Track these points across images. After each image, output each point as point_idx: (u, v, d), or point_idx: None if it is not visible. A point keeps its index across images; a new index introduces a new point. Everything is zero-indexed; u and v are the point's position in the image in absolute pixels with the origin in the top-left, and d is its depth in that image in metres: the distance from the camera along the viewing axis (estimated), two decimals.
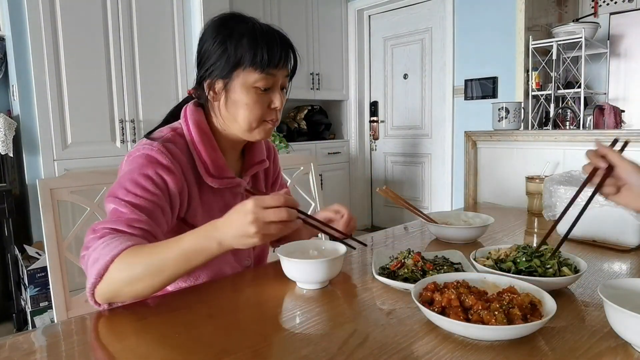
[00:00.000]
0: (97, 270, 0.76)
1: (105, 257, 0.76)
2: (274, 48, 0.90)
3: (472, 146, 2.04)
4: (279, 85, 0.95)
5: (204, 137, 0.96)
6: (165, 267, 0.76)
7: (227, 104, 0.94)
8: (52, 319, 2.35)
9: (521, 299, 0.70)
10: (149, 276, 0.76)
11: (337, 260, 0.89)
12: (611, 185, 0.77)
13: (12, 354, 0.66)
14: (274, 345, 0.67)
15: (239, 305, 0.83)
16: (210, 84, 0.94)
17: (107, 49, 2.72)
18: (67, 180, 1.19)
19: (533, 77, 3.33)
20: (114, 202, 0.84)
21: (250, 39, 0.89)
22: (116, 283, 0.76)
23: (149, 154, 0.89)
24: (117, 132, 2.78)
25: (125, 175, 0.87)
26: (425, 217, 1.30)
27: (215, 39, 0.92)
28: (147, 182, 0.86)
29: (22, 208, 2.64)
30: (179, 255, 0.76)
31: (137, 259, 0.75)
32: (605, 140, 1.63)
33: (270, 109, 0.95)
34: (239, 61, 0.90)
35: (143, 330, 0.74)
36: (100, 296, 0.78)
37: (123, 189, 0.85)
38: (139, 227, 0.82)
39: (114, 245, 0.77)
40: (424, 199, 4.26)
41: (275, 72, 0.92)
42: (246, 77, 0.91)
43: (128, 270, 0.75)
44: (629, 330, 0.63)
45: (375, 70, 4.57)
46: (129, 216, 0.82)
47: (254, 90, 0.92)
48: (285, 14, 3.91)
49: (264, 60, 0.89)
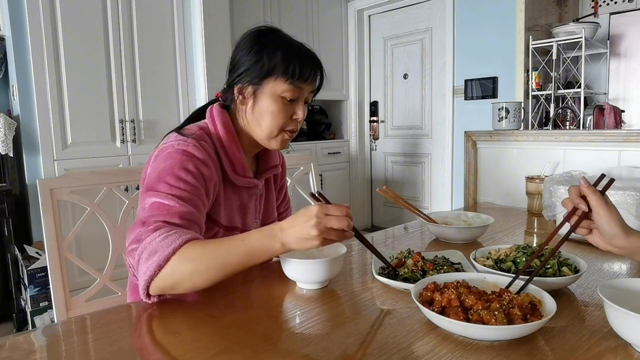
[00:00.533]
0: (156, 262, 0.77)
1: (165, 250, 0.77)
2: (305, 63, 0.97)
3: (472, 146, 2.04)
4: (303, 99, 1.01)
5: (231, 137, 1.00)
6: (229, 263, 0.78)
7: (254, 109, 0.99)
8: (52, 319, 2.35)
9: (521, 299, 0.70)
10: (212, 270, 0.78)
11: (337, 260, 0.89)
12: (585, 227, 0.81)
13: (12, 354, 0.66)
14: (274, 345, 0.67)
15: (239, 305, 0.83)
16: (240, 88, 0.99)
17: (107, 49, 2.72)
18: (67, 180, 1.19)
19: (533, 77, 3.33)
20: (155, 195, 0.85)
21: (285, 52, 0.96)
22: (177, 275, 0.77)
23: (187, 150, 0.91)
24: (117, 132, 2.78)
25: (165, 170, 0.88)
26: (425, 217, 1.30)
27: (251, 48, 0.97)
28: (189, 176, 0.88)
29: (22, 208, 2.64)
30: (244, 252, 0.79)
31: (202, 253, 0.78)
32: (606, 139, 1.64)
33: (292, 120, 1.00)
34: (272, 70, 0.95)
35: (143, 330, 0.74)
36: (156, 288, 0.79)
37: (164, 184, 0.86)
38: (190, 220, 0.84)
39: (173, 238, 0.78)
40: (423, 199, 4.26)
41: (302, 85, 0.98)
42: (276, 86, 0.96)
43: (192, 263, 0.77)
44: (629, 330, 0.63)
45: (375, 70, 4.56)
46: (179, 209, 0.84)
47: (280, 99, 0.97)
48: (285, 14, 3.91)
49: (295, 72, 0.95)
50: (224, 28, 3.15)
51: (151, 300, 0.81)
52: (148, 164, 0.95)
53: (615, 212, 0.78)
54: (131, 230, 0.84)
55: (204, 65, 3.04)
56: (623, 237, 0.77)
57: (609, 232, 0.78)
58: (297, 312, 0.79)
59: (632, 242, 0.77)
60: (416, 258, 0.92)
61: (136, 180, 1.40)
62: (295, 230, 0.77)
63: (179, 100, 3.03)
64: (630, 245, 0.77)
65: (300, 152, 3.73)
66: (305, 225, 0.76)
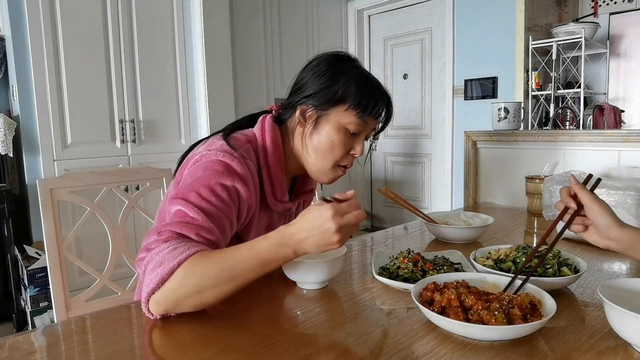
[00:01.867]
0: (159, 275, 0.70)
1: (171, 262, 0.70)
2: (377, 100, 0.94)
3: (472, 146, 2.05)
4: (365, 134, 0.98)
5: (278, 158, 0.95)
6: (238, 274, 0.72)
7: (313, 134, 0.94)
8: (52, 319, 2.35)
9: (521, 299, 0.70)
10: (221, 284, 0.72)
11: (337, 260, 0.89)
12: (579, 223, 0.83)
13: (12, 354, 0.66)
14: (274, 346, 0.67)
15: (238, 306, 0.83)
16: (304, 110, 0.94)
17: (107, 49, 2.72)
18: (67, 180, 1.19)
19: (533, 77, 3.33)
20: (183, 205, 0.79)
21: (361, 84, 0.93)
22: (182, 290, 0.71)
23: (230, 164, 0.85)
24: (117, 132, 2.78)
25: (201, 180, 0.82)
26: (425, 217, 1.30)
27: (326, 72, 0.93)
28: (224, 192, 0.83)
29: (22, 208, 2.64)
30: (254, 261, 0.73)
31: (208, 264, 0.71)
32: (605, 139, 1.64)
33: (349, 155, 0.97)
34: (343, 99, 0.92)
35: (142, 330, 0.74)
36: (157, 305, 0.72)
37: (196, 194, 0.80)
38: (207, 238, 0.78)
39: (181, 250, 0.72)
40: (423, 199, 4.27)
41: (369, 121, 0.95)
42: (343, 116, 0.93)
43: (197, 276, 0.70)
44: (629, 330, 0.63)
45: (375, 70, 4.56)
46: (200, 224, 0.78)
47: (344, 130, 0.94)
48: (285, 14, 3.91)
49: (367, 107, 0.92)
50: (224, 28, 3.16)
51: (153, 317, 0.74)
52: (186, 166, 0.90)
53: (607, 205, 0.80)
54: (147, 236, 0.78)
55: (203, 65, 3.04)
56: (617, 228, 0.79)
57: (603, 224, 0.79)
58: (297, 312, 0.79)
59: (627, 233, 0.79)
60: (416, 258, 0.93)
61: (136, 180, 1.40)
62: (315, 239, 0.73)
63: (179, 101, 3.03)
64: (624, 237, 0.79)
65: None
66: (324, 228, 0.72)
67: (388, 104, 0.98)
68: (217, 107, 3.09)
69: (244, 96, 3.48)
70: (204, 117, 3.09)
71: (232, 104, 3.22)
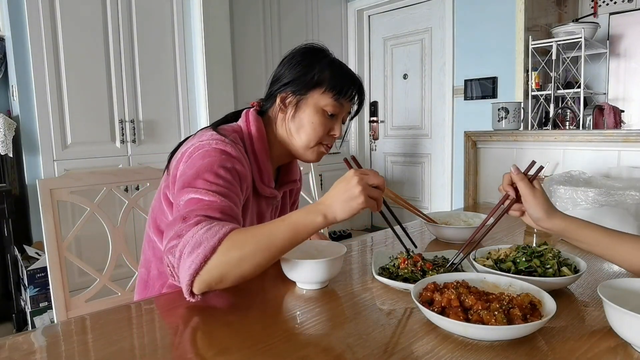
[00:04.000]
0: (202, 254, 0.74)
1: (211, 240, 0.74)
2: (352, 84, 1.03)
3: (472, 146, 2.04)
4: (342, 117, 1.05)
5: (263, 144, 1.02)
6: (274, 243, 0.77)
7: (294, 118, 1.02)
8: (52, 319, 2.35)
9: (521, 299, 0.70)
10: (258, 253, 0.76)
11: (337, 260, 0.89)
12: (516, 209, 0.92)
13: (12, 354, 0.66)
14: (274, 346, 0.67)
15: (239, 306, 0.83)
16: (283, 97, 1.02)
17: (107, 49, 2.72)
18: (67, 181, 1.19)
19: (533, 77, 3.33)
20: (194, 192, 0.83)
21: (335, 69, 1.01)
22: (225, 265, 0.75)
23: (225, 149, 0.91)
24: (117, 132, 2.78)
25: (203, 167, 0.87)
26: (425, 217, 1.30)
27: (302, 61, 1.02)
28: (228, 174, 0.88)
29: (21, 208, 2.64)
30: (287, 230, 0.78)
31: (246, 238, 0.76)
32: (605, 139, 1.64)
33: (329, 135, 1.04)
34: (320, 83, 1.00)
35: (143, 330, 0.74)
36: (202, 283, 0.75)
37: (203, 180, 0.85)
38: (230, 214, 0.82)
39: (217, 229, 0.76)
40: (423, 199, 4.27)
41: (344, 103, 1.03)
42: (320, 98, 1.00)
43: (238, 249, 0.75)
44: (629, 330, 0.63)
45: (375, 70, 4.56)
46: (220, 204, 0.82)
47: (322, 112, 1.01)
48: (285, 14, 3.91)
49: (342, 89, 1.00)
50: (224, 28, 3.16)
51: (195, 299, 0.77)
52: (180, 160, 0.93)
53: (541, 197, 0.87)
54: (169, 227, 0.81)
55: (203, 65, 3.04)
56: (546, 220, 0.87)
57: (534, 216, 0.88)
58: (297, 312, 0.79)
59: (555, 223, 0.86)
60: (416, 258, 0.93)
61: (136, 180, 1.40)
62: (339, 194, 0.78)
63: (179, 101, 3.03)
64: (553, 226, 0.87)
65: None
66: (348, 186, 0.77)
67: (360, 88, 1.06)
68: (217, 107, 3.09)
69: (243, 96, 3.48)
70: (204, 117, 3.09)
71: (232, 104, 3.22)
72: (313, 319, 0.76)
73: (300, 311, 0.80)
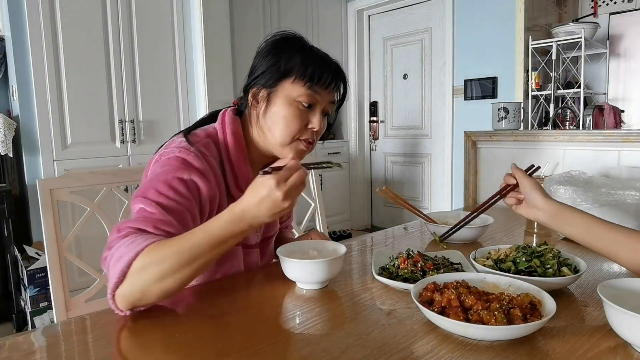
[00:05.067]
0: (119, 268, 0.71)
1: (129, 254, 0.71)
2: (325, 69, 0.93)
3: (472, 146, 2.04)
4: (321, 108, 0.95)
5: (239, 150, 0.96)
6: (196, 256, 0.73)
7: (266, 113, 0.94)
8: (52, 319, 2.35)
9: (521, 299, 0.70)
10: (180, 268, 0.72)
11: (337, 260, 0.89)
12: (512, 197, 0.97)
13: (12, 355, 0.66)
14: (274, 346, 0.67)
15: (239, 306, 0.83)
16: (254, 92, 0.95)
17: (107, 49, 2.72)
18: (67, 181, 1.19)
19: (533, 77, 3.33)
20: (142, 202, 0.81)
21: (304, 56, 0.93)
22: (143, 280, 0.71)
23: (186, 159, 0.87)
24: (117, 132, 2.78)
25: (158, 176, 0.85)
26: (425, 217, 1.30)
27: (270, 51, 0.95)
28: (181, 185, 0.84)
29: (21, 208, 2.64)
30: (210, 242, 0.74)
31: (165, 251, 0.72)
32: (605, 139, 1.64)
33: (307, 129, 0.95)
34: (288, 72, 0.92)
35: (143, 330, 0.74)
36: (123, 299, 0.72)
37: (154, 190, 0.82)
38: (165, 230, 0.78)
39: (138, 242, 0.73)
40: (423, 199, 4.27)
41: (320, 91, 0.93)
42: (291, 89, 0.92)
43: (156, 264, 0.71)
44: (629, 330, 0.63)
45: (375, 70, 4.57)
46: (157, 217, 0.79)
47: (295, 104, 0.92)
48: (285, 14, 3.91)
49: (313, 75, 0.91)
50: (224, 28, 3.16)
51: (123, 313, 0.74)
52: (149, 167, 0.92)
53: (536, 184, 0.93)
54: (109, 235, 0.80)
55: (203, 66, 3.04)
56: (542, 199, 0.90)
57: (529, 196, 0.92)
58: (297, 313, 0.79)
59: (549, 204, 0.90)
60: (416, 258, 0.92)
61: (136, 180, 1.40)
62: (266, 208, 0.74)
63: (179, 101, 3.03)
64: (548, 207, 0.90)
65: None
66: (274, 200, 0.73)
67: (338, 73, 0.96)
68: (217, 107, 3.08)
69: None
70: None
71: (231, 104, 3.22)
72: (313, 319, 0.76)
73: (300, 311, 0.80)
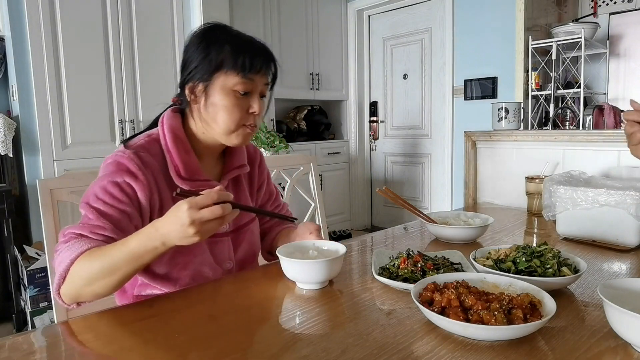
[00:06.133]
0: (59, 272, 0.81)
1: (66, 260, 0.81)
2: (255, 55, 0.95)
3: (472, 146, 2.04)
4: (258, 92, 0.98)
5: (176, 140, 0.98)
6: (117, 268, 0.79)
7: (207, 106, 0.97)
8: (52, 319, 2.35)
9: (521, 299, 0.70)
10: (104, 276, 0.80)
11: (337, 260, 0.89)
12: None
13: (11, 355, 0.66)
14: (274, 346, 0.67)
15: (239, 306, 0.83)
16: (191, 87, 0.97)
17: (106, 49, 2.72)
18: (67, 181, 1.19)
19: (533, 77, 3.33)
20: (84, 207, 0.89)
21: (233, 45, 0.94)
22: (77, 283, 0.81)
23: (120, 161, 0.92)
24: (117, 132, 2.78)
25: (97, 182, 0.91)
26: (425, 217, 1.30)
27: (199, 45, 0.96)
28: (115, 189, 0.90)
29: (21, 208, 2.64)
30: (128, 256, 0.79)
31: (93, 261, 0.80)
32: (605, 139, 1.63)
33: (249, 114, 0.98)
34: (221, 64, 0.94)
35: (143, 330, 0.74)
36: (66, 296, 0.83)
37: (93, 196, 0.89)
38: (101, 234, 0.86)
39: (74, 249, 0.81)
40: (423, 199, 4.26)
41: (254, 77, 0.95)
42: (226, 80, 0.94)
43: (86, 271, 0.80)
44: (629, 330, 0.63)
45: (375, 70, 4.57)
46: (94, 223, 0.86)
47: (233, 93, 0.95)
48: (285, 14, 3.91)
49: (245, 64, 0.93)
50: None
51: (70, 307, 0.85)
52: None
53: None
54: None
55: None
56: None
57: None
58: (297, 313, 0.79)
59: None
60: (417, 258, 0.92)
61: None
62: (173, 231, 0.76)
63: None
64: None
65: (299, 152, 3.73)
66: (180, 225, 0.74)
67: (267, 56, 0.98)
68: None
69: None
70: None
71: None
72: (313, 319, 0.76)
73: (300, 311, 0.80)
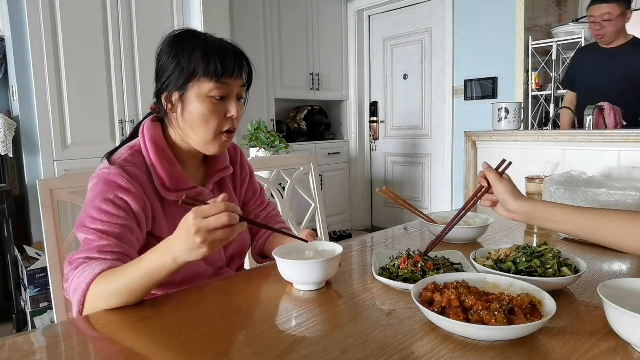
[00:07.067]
0: (77, 299, 0.82)
1: (81, 286, 0.81)
2: (226, 58, 0.93)
3: (472, 146, 2.04)
4: (234, 95, 0.97)
5: (159, 152, 0.97)
6: (133, 288, 0.80)
7: (184, 114, 0.96)
8: (52, 319, 2.35)
9: (521, 299, 0.70)
10: (123, 297, 0.80)
11: (333, 260, 0.88)
12: (487, 199, 0.99)
13: (11, 355, 0.66)
14: (273, 346, 0.67)
15: (237, 307, 0.83)
16: (167, 96, 0.97)
17: (106, 49, 2.72)
18: (67, 181, 1.19)
19: (533, 77, 3.33)
20: (82, 231, 0.88)
21: (203, 51, 0.93)
22: (95, 305, 0.81)
23: (107, 178, 0.91)
24: (117, 132, 2.78)
25: (89, 203, 0.90)
26: (425, 217, 1.30)
27: (169, 53, 0.95)
28: (109, 206, 0.89)
29: (21, 208, 2.64)
30: (142, 275, 0.79)
31: (109, 283, 0.80)
32: (605, 139, 1.64)
33: (227, 118, 0.97)
34: (193, 72, 0.93)
35: (142, 331, 0.74)
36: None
37: (89, 218, 0.89)
38: (110, 251, 0.86)
39: (87, 273, 0.82)
40: (423, 199, 4.26)
41: (229, 81, 0.94)
42: (200, 87, 0.93)
43: (104, 293, 0.80)
44: (629, 330, 0.63)
45: (375, 70, 4.57)
46: (98, 243, 0.86)
47: (208, 99, 0.94)
48: (285, 14, 3.91)
49: (217, 69, 0.92)
50: (224, 29, 3.15)
51: None
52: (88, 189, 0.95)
53: (507, 183, 0.95)
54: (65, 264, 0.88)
55: None
56: (513, 202, 0.92)
57: (502, 198, 0.94)
58: (297, 313, 0.79)
59: (522, 205, 0.91)
60: (417, 258, 0.92)
61: None
62: (182, 243, 0.75)
63: None
64: (520, 208, 0.91)
65: (299, 152, 3.73)
66: (188, 236, 0.74)
67: (239, 56, 0.96)
68: None
69: None
70: None
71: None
72: (313, 319, 0.76)
73: (300, 311, 0.80)
